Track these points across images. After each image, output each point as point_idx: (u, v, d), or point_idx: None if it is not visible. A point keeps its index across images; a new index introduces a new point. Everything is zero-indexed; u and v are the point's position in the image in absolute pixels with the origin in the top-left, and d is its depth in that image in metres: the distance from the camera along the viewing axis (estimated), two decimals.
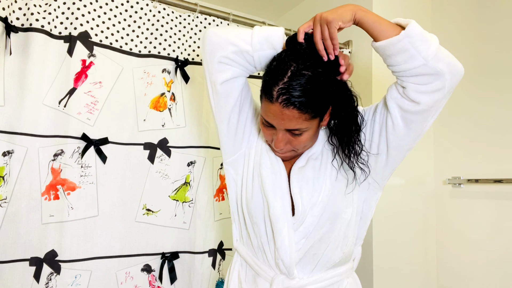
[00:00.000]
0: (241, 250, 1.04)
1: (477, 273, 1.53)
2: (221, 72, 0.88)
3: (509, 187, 1.44)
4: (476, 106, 1.58)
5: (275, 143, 0.88)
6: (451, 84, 0.81)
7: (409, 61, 0.79)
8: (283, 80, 0.80)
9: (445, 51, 0.81)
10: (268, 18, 2.35)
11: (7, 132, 1.13)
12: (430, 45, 0.78)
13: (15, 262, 1.13)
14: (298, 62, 0.80)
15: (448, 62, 0.80)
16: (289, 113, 0.80)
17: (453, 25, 1.70)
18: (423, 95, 0.81)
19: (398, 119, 0.85)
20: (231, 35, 0.86)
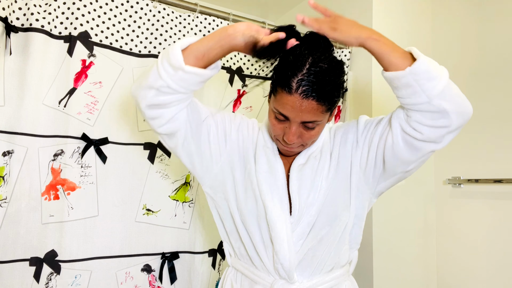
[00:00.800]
0: (238, 265, 1.03)
1: (477, 273, 1.53)
2: (156, 119, 0.84)
3: (509, 187, 1.44)
4: (476, 106, 1.57)
5: (288, 137, 0.86)
6: (457, 123, 0.80)
7: (412, 96, 0.78)
8: (302, 72, 0.79)
9: (454, 88, 0.80)
10: (268, 18, 2.35)
11: (7, 132, 1.13)
12: (437, 83, 0.77)
13: (15, 262, 1.13)
14: (314, 55, 0.81)
15: (455, 101, 0.79)
16: (307, 105, 0.80)
17: (453, 25, 1.70)
18: (427, 128, 0.80)
19: (398, 138, 0.84)
20: (141, 80, 0.82)
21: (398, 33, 1.71)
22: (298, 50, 0.83)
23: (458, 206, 1.62)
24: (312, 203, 0.92)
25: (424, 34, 1.78)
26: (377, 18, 1.65)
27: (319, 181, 0.93)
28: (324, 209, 0.93)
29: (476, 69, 1.59)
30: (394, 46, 0.81)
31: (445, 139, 0.83)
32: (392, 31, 1.69)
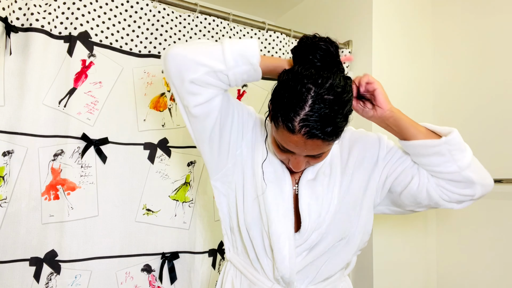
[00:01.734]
0: (236, 261, 1.01)
1: (477, 273, 1.53)
2: (194, 96, 0.80)
3: (509, 187, 1.44)
4: (476, 106, 1.58)
5: (294, 166, 0.84)
6: (481, 193, 0.86)
7: (443, 165, 0.83)
8: (304, 110, 0.72)
9: (477, 163, 0.86)
10: (268, 18, 2.35)
11: (7, 132, 1.13)
12: (466, 155, 0.83)
13: (15, 262, 1.13)
14: (317, 84, 0.73)
15: (480, 173, 0.84)
16: (312, 143, 0.75)
17: (453, 25, 1.70)
18: (452, 194, 0.86)
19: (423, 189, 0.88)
20: (199, 54, 0.78)
21: (398, 33, 1.71)
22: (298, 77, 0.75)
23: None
24: (323, 222, 0.90)
25: (424, 34, 1.78)
26: (377, 18, 1.65)
27: (329, 199, 0.90)
28: (332, 227, 0.91)
29: (476, 69, 1.59)
30: (416, 122, 0.87)
31: (465, 204, 0.90)
32: (392, 31, 1.69)
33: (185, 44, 0.80)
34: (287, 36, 1.65)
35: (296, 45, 0.82)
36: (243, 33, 1.57)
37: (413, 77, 1.73)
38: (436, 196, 0.87)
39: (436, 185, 0.87)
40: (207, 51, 0.78)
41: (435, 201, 0.88)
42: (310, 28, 1.95)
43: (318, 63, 0.77)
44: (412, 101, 1.71)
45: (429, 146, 0.83)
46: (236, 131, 0.91)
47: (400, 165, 0.91)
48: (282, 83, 0.78)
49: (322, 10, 1.95)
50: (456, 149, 0.81)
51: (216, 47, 0.78)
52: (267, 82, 1.62)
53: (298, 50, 0.80)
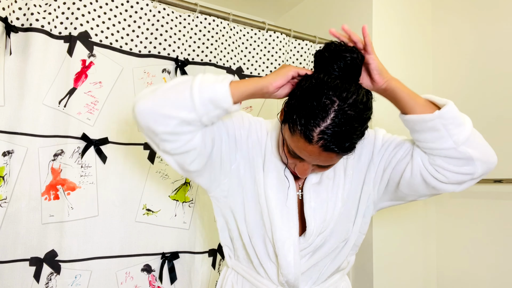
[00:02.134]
0: (238, 268, 1.00)
1: (477, 273, 1.53)
2: (170, 143, 0.76)
3: (509, 187, 1.44)
4: (476, 106, 1.58)
5: (300, 172, 0.83)
6: (482, 171, 0.79)
7: (437, 141, 0.77)
8: (325, 122, 0.71)
9: (478, 137, 0.79)
10: (268, 18, 2.35)
11: (7, 132, 1.13)
12: (463, 129, 0.76)
13: (15, 262, 1.13)
14: (341, 98, 0.72)
15: (480, 149, 0.78)
16: (326, 155, 0.75)
17: (453, 25, 1.70)
18: (450, 173, 0.79)
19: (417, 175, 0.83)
20: (167, 106, 0.73)
21: (398, 34, 1.71)
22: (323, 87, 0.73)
23: (458, 206, 1.62)
24: (327, 226, 0.90)
25: (423, 35, 1.78)
26: (377, 19, 1.65)
27: (334, 202, 0.90)
28: (336, 229, 0.91)
29: (476, 69, 1.59)
30: (416, 94, 0.82)
31: (466, 184, 0.82)
32: (392, 31, 1.69)
33: (151, 94, 0.75)
34: (287, 36, 1.65)
35: (320, 50, 0.80)
36: (243, 33, 1.57)
37: (413, 77, 1.73)
38: (432, 179, 0.81)
39: (431, 166, 0.81)
40: (175, 100, 0.73)
41: (432, 185, 0.82)
42: (310, 28, 1.95)
43: (341, 73, 0.76)
44: None
45: (423, 121, 0.77)
46: (227, 149, 0.88)
47: (394, 156, 0.88)
48: (306, 89, 0.75)
49: (322, 10, 1.95)
50: (451, 123, 0.76)
51: (184, 95, 0.73)
52: None
53: (322, 56, 0.78)
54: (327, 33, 0.87)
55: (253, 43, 1.59)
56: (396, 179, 0.89)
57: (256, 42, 1.60)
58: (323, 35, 1.73)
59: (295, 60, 1.68)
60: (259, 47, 1.60)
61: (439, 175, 0.80)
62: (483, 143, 0.80)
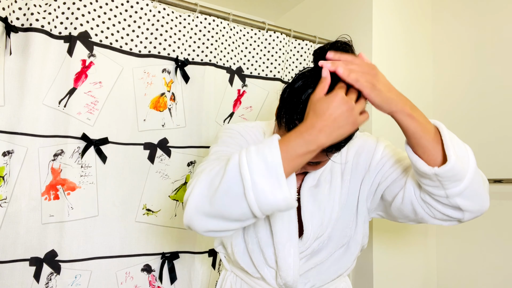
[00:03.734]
0: (235, 270, 1.00)
1: (477, 273, 1.53)
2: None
3: (509, 187, 1.44)
4: (476, 105, 1.58)
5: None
6: (469, 218, 0.79)
7: (431, 187, 0.76)
8: None
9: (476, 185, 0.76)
10: (268, 18, 2.35)
11: (7, 132, 1.13)
12: (459, 184, 0.73)
13: (15, 262, 1.13)
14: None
15: (472, 200, 0.76)
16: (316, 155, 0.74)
17: (453, 25, 1.70)
18: (439, 213, 0.79)
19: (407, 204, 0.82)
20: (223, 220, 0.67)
21: (398, 34, 1.71)
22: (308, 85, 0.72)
23: None
24: (325, 230, 0.90)
25: (424, 34, 1.78)
26: (377, 19, 1.65)
27: (331, 206, 0.90)
28: (334, 233, 0.91)
29: (476, 69, 1.59)
30: (426, 125, 0.75)
31: (453, 223, 0.83)
32: (392, 31, 1.69)
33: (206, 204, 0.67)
34: (287, 36, 1.65)
35: (317, 49, 0.78)
36: (243, 33, 1.57)
37: (413, 77, 1.73)
38: (421, 211, 0.82)
39: (422, 200, 0.81)
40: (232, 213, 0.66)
41: (421, 216, 0.83)
42: (310, 28, 1.95)
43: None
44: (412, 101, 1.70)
45: (419, 168, 0.75)
46: None
47: (391, 174, 0.87)
48: (294, 85, 0.75)
49: (322, 10, 1.95)
50: (449, 179, 0.73)
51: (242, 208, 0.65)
52: (267, 82, 1.62)
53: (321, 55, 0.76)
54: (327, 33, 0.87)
55: (253, 43, 1.59)
56: (388, 199, 0.88)
57: (256, 42, 1.60)
58: (323, 35, 1.73)
59: (295, 60, 1.68)
60: (259, 47, 1.60)
61: (428, 210, 0.81)
62: (479, 192, 0.77)
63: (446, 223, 0.83)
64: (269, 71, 1.62)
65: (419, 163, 0.75)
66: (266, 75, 1.62)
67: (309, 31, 1.76)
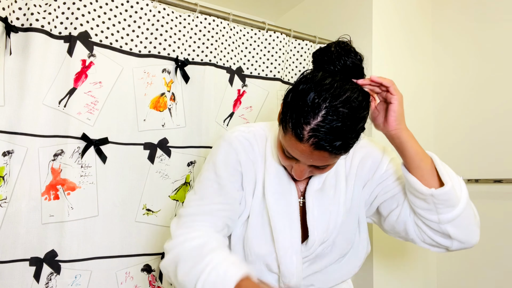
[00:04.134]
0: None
1: (477, 273, 1.53)
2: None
3: (509, 187, 1.44)
4: (476, 106, 1.58)
5: (296, 174, 0.81)
6: (457, 248, 0.84)
7: (424, 212, 0.80)
8: (315, 120, 0.69)
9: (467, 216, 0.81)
10: (268, 18, 2.35)
11: (7, 132, 1.13)
12: (452, 210, 0.78)
13: (15, 262, 1.13)
14: (333, 95, 0.70)
15: (463, 230, 0.81)
16: (319, 154, 0.73)
17: (453, 26, 1.70)
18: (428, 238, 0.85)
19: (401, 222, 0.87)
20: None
21: (398, 33, 1.71)
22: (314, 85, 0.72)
23: None
24: (330, 235, 0.89)
25: (424, 34, 1.78)
26: (377, 18, 1.65)
27: (336, 211, 0.89)
28: (339, 237, 0.91)
29: (476, 69, 1.59)
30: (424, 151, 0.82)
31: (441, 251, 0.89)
32: (392, 31, 1.69)
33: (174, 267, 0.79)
34: (287, 36, 1.65)
35: (318, 49, 0.79)
36: (243, 33, 1.57)
37: (414, 77, 1.73)
38: (413, 234, 0.86)
39: (414, 223, 0.85)
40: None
41: (411, 238, 0.87)
42: (310, 28, 1.95)
43: (338, 74, 0.74)
44: (412, 101, 1.71)
45: (416, 189, 0.79)
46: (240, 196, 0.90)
47: (391, 190, 0.89)
48: (298, 88, 0.74)
49: (322, 10, 1.95)
50: (442, 203, 0.78)
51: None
52: (267, 82, 1.62)
53: (320, 56, 0.78)
54: (327, 33, 0.88)
55: (253, 43, 1.59)
56: (383, 213, 0.91)
57: (256, 42, 1.60)
58: (323, 35, 1.73)
59: (295, 60, 1.68)
60: (259, 47, 1.60)
61: (419, 233, 0.85)
62: (470, 223, 0.82)
63: (434, 248, 0.87)
64: (269, 71, 1.62)
65: (417, 184, 0.79)
66: (266, 75, 1.62)
67: (309, 31, 1.76)
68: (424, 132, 1.74)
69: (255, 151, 0.90)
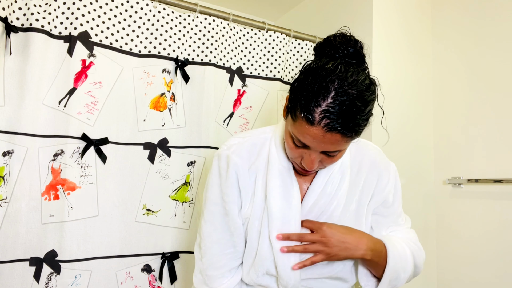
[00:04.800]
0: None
1: (477, 273, 1.53)
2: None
3: (509, 187, 1.44)
4: (476, 106, 1.58)
5: (307, 164, 0.80)
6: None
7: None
8: (326, 101, 0.70)
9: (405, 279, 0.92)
10: (268, 18, 2.35)
11: (7, 132, 1.13)
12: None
13: (15, 262, 1.13)
14: (341, 78, 0.71)
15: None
16: (331, 137, 0.72)
17: (453, 26, 1.70)
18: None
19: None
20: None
21: (398, 33, 1.71)
22: (322, 69, 0.73)
23: (458, 206, 1.62)
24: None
25: (424, 34, 1.78)
26: (377, 18, 1.65)
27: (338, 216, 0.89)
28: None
29: (476, 69, 1.59)
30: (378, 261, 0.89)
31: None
32: (392, 31, 1.69)
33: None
34: (287, 36, 1.65)
35: (319, 43, 0.82)
36: (243, 33, 1.57)
37: (414, 77, 1.73)
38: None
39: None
40: None
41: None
42: (310, 28, 1.95)
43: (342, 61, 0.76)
44: (412, 101, 1.71)
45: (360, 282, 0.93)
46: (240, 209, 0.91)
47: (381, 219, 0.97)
48: (306, 73, 0.75)
49: (322, 10, 1.95)
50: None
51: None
52: (267, 82, 1.62)
53: (321, 48, 0.80)
54: (327, 33, 0.88)
55: (253, 43, 1.59)
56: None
57: (256, 42, 1.60)
58: (323, 35, 1.72)
59: (295, 60, 1.68)
60: (259, 47, 1.60)
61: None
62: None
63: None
64: (269, 71, 1.62)
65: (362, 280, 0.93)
66: (266, 75, 1.62)
67: (309, 31, 1.76)
68: (424, 132, 1.74)
69: (253, 157, 0.90)
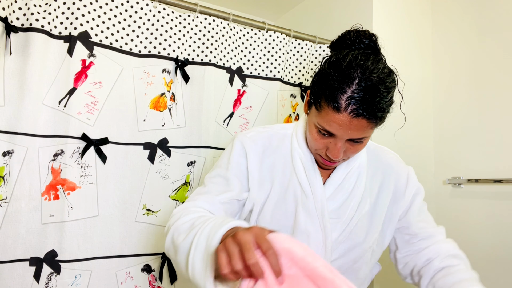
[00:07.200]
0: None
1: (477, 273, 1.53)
2: None
3: (509, 187, 1.44)
4: (476, 106, 1.58)
5: (333, 153, 0.81)
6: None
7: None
8: (351, 88, 0.73)
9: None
10: (268, 18, 2.35)
11: (7, 132, 1.13)
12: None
13: (15, 262, 1.13)
14: (363, 66, 0.75)
15: None
16: (357, 123, 0.75)
17: (453, 26, 1.70)
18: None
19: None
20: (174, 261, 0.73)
21: (398, 33, 1.71)
22: (344, 59, 0.77)
23: (458, 206, 1.62)
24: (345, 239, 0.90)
25: (424, 34, 1.78)
26: (377, 19, 1.65)
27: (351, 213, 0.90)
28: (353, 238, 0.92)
29: (476, 69, 1.59)
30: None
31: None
32: (392, 31, 1.69)
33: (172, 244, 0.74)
34: (287, 36, 1.65)
35: (334, 40, 0.85)
36: (243, 33, 1.57)
37: (414, 77, 1.73)
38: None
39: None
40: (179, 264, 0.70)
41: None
42: (310, 28, 1.96)
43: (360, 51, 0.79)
44: (412, 101, 1.71)
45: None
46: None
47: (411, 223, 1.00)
48: (327, 66, 0.79)
49: (322, 10, 1.95)
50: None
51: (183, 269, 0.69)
52: (267, 82, 1.62)
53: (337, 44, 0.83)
54: (327, 33, 0.89)
55: (253, 43, 1.59)
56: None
57: (256, 42, 1.60)
58: (323, 35, 1.73)
59: (295, 60, 1.68)
60: (259, 47, 1.60)
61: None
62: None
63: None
64: (269, 71, 1.62)
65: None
66: (266, 75, 1.62)
67: (309, 31, 1.76)
68: (424, 131, 1.74)
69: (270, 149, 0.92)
